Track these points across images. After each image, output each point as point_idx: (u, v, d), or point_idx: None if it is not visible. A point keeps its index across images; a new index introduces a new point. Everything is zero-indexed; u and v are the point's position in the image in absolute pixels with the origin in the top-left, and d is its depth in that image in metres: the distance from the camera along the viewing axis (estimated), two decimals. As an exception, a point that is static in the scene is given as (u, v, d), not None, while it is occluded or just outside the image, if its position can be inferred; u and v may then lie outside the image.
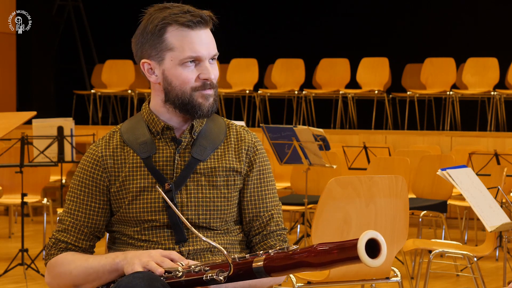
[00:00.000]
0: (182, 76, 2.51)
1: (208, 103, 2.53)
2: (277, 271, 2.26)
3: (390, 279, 4.01)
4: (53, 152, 7.27)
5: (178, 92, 2.52)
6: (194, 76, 2.52)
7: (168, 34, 2.51)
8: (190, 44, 2.50)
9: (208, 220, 2.56)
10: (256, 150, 2.63)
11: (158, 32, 2.51)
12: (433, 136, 10.89)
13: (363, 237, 2.13)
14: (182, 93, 2.52)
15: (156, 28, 2.51)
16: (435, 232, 8.46)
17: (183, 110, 2.53)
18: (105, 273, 2.47)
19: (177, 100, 2.53)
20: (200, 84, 2.52)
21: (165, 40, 2.50)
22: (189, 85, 2.51)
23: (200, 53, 2.51)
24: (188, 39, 2.50)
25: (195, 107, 2.52)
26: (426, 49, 12.38)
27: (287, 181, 8.86)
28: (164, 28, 2.50)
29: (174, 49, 2.51)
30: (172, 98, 2.53)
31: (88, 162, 2.59)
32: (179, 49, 2.50)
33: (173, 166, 2.55)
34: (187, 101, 2.52)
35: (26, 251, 6.73)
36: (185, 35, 2.50)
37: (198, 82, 2.52)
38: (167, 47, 2.51)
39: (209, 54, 2.52)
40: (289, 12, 13.75)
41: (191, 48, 2.50)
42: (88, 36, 14.55)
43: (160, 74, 2.54)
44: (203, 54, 2.51)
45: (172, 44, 2.50)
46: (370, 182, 3.76)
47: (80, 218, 2.58)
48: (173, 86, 2.52)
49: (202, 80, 2.52)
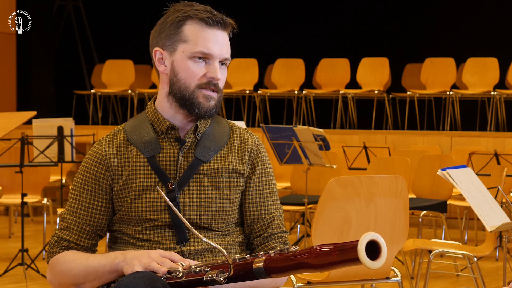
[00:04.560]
0: (189, 70, 2.53)
1: (208, 104, 2.54)
2: (277, 272, 2.26)
3: (390, 279, 4.01)
4: (53, 152, 7.27)
5: (182, 86, 2.53)
6: (202, 73, 2.53)
7: (186, 27, 2.53)
8: (204, 40, 2.52)
9: (209, 221, 2.56)
10: (259, 153, 2.64)
11: (177, 24, 2.54)
12: (433, 136, 10.89)
13: (364, 239, 2.13)
14: (186, 87, 2.53)
15: (176, 19, 2.54)
16: (435, 232, 8.46)
17: (182, 105, 2.54)
18: (104, 273, 2.47)
19: (179, 93, 2.54)
20: (205, 81, 2.53)
21: (181, 32, 2.53)
22: (195, 80, 2.53)
23: (211, 51, 2.53)
24: (204, 35, 2.53)
25: (193, 104, 2.53)
26: (426, 49, 12.38)
27: (287, 181, 8.85)
28: (184, 21, 2.53)
29: (188, 42, 2.53)
30: (174, 91, 2.54)
31: (92, 160, 2.59)
32: (193, 43, 2.52)
33: (177, 166, 2.56)
34: (187, 97, 2.53)
35: (26, 251, 6.72)
36: (201, 30, 2.53)
37: (204, 79, 2.53)
38: (182, 39, 2.53)
39: (220, 54, 2.55)
40: (289, 12, 13.75)
41: (204, 44, 2.52)
42: (88, 36, 14.55)
43: (169, 64, 2.55)
44: (215, 53, 2.53)
45: (187, 36, 2.53)
46: (370, 182, 3.76)
47: (83, 217, 2.58)
48: (178, 78, 2.54)
49: (208, 78, 2.53)
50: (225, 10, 2.64)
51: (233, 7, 7.01)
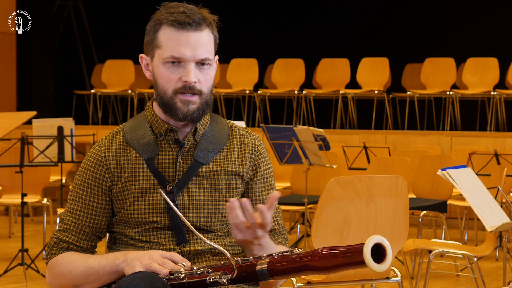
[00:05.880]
0: (164, 75, 2.52)
1: (187, 109, 2.51)
2: (281, 274, 2.25)
3: (390, 279, 4.01)
4: (53, 152, 7.27)
5: (161, 91, 2.53)
6: (176, 78, 2.51)
7: (160, 32, 2.52)
8: (174, 45, 2.50)
9: (209, 223, 2.56)
10: (260, 154, 2.64)
11: (153, 29, 2.54)
12: (433, 136, 10.89)
13: (369, 242, 2.13)
14: (164, 93, 2.53)
15: (153, 24, 2.54)
16: (435, 232, 8.46)
17: (164, 110, 2.54)
18: (105, 274, 2.46)
19: (160, 99, 2.54)
20: (180, 86, 2.51)
21: (157, 37, 2.53)
22: (171, 86, 2.51)
23: (182, 54, 2.50)
24: (174, 39, 2.50)
25: (172, 109, 2.52)
26: (426, 49, 12.38)
27: (287, 181, 8.85)
28: (159, 25, 2.53)
29: (161, 47, 2.52)
30: (157, 95, 2.56)
31: (91, 162, 2.59)
32: (164, 48, 2.51)
33: (176, 168, 2.55)
34: (166, 102, 2.53)
35: (26, 251, 6.72)
36: (172, 34, 2.51)
37: (179, 84, 2.51)
38: (157, 45, 2.53)
39: (193, 56, 2.50)
40: (289, 12, 13.74)
41: (173, 49, 2.50)
42: (88, 36, 14.54)
43: (151, 70, 2.56)
44: (186, 55, 2.50)
45: (161, 42, 2.52)
46: (370, 182, 3.76)
47: (82, 218, 2.58)
48: (158, 84, 2.54)
49: (183, 82, 2.51)
50: (225, 10, 2.64)
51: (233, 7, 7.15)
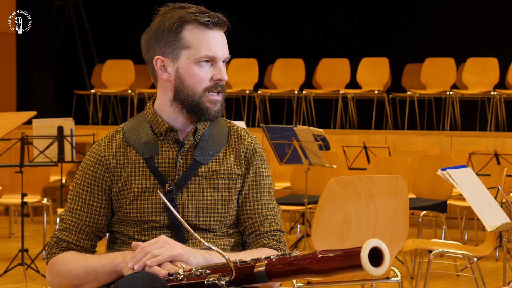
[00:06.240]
0: (197, 75, 2.52)
1: (216, 108, 2.54)
2: (279, 276, 2.25)
3: (390, 279, 4.01)
4: (53, 152, 7.27)
5: (190, 92, 2.53)
6: (208, 76, 2.53)
7: (185, 32, 2.51)
8: (207, 44, 2.52)
9: (208, 222, 2.56)
10: (255, 152, 2.63)
11: (175, 30, 2.51)
12: (433, 136, 10.89)
13: (366, 246, 2.12)
14: (194, 93, 2.52)
15: (173, 25, 2.51)
16: (435, 232, 8.46)
17: (191, 111, 2.54)
18: (104, 274, 2.47)
19: (187, 100, 2.53)
20: (212, 84, 2.53)
21: (182, 38, 2.51)
22: (203, 85, 2.52)
23: (216, 53, 2.52)
24: (206, 39, 2.52)
25: (202, 110, 2.53)
26: (426, 49, 12.38)
27: (287, 181, 8.85)
28: (181, 26, 2.51)
29: (191, 48, 2.51)
30: (182, 97, 2.53)
31: (91, 161, 2.59)
32: (196, 48, 2.51)
33: (175, 168, 2.55)
34: (196, 103, 2.53)
35: (26, 251, 6.72)
36: (203, 34, 2.52)
37: (211, 83, 2.53)
38: (184, 45, 2.51)
39: (223, 55, 2.55)
40: (289, 12, 13.74)
41: (208, 48, 2.52)
42: (88, 36, 14.55)
43: (173, 72, 2.54)
44: (219, 54, 2.53)
45: (189, 42, 2.51)
46: (370, 182, 3.76)
47: (82, 218, 2.58)
48: (185, 85, 2.53)
49: (215, 80, 2.53)
50: (225, 10, 2.63)
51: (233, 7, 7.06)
